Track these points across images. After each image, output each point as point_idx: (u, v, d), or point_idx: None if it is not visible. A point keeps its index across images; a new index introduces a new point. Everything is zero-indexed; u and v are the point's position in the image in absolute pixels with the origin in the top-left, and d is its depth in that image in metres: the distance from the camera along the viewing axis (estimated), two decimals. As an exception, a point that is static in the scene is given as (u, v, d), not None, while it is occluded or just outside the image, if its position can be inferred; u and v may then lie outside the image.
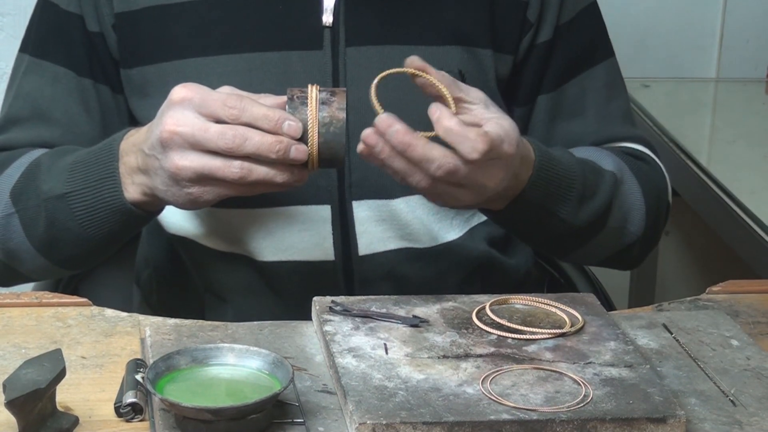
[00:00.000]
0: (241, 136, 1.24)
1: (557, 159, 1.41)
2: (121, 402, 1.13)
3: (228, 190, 1.28)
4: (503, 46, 1.52)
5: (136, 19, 1.47)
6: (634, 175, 1.51)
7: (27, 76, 1.51)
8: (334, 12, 1.46)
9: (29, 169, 1.42)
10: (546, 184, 1.38)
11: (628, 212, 1.50)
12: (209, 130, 1.24)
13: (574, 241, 1.49)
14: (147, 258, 1.62)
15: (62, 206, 1.38)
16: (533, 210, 1.39)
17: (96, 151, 1.38)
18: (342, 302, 1.27)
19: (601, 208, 1.45)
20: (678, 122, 2.38)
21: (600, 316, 1.27)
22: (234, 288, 1.51)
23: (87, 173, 1.37)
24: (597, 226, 1.47)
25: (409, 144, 1.24)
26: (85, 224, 1.37)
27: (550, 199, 1.40)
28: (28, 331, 1.28)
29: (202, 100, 1.26)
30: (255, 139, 1.24)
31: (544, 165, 1.38)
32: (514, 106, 1.56)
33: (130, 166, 1.34)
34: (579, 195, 1.42)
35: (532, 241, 1.54)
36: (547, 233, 1.45)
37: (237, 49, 1.46)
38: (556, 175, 1.39)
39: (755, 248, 1.94)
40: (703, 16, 2.67)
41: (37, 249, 1.42)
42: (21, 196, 1.41)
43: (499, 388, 1.13)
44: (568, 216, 1.42)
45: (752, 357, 1.25)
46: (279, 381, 1.10)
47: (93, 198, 1.36)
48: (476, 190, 1.29)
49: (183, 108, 1.26)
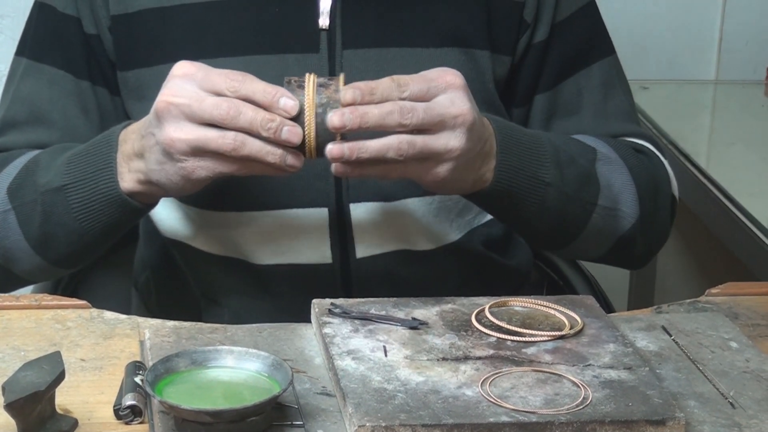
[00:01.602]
0: (235, 109, 1.24)
1: (514, 125, 1.42)
2: (120, 404, 1.13)
3: (222, 165, 1.27)
4: (500, 47, 1.52)
5: (132, 22, 1.47)
6: (621, 157, 1.49)
7: (24, 79, 1.51)
8: (331, 15, 1.46)
9: (27, 166, 1.42)
10: (516, 145, 1.37)
11: (619, 193, 1.48)
12: (205, 100, 1.25)
13: (570, 223, 1.46)
14: (144, 261, 1.62)
15: (59, 199, 1.37)
16: (516, 176, 1.37)
17: (95, 143, 1.38)
18: (341, 304, 1.27)
19: (583, 175, 1.43)
20: (677, 124, 2.38)
21: (599, 318, 1.27)
22: (230, 291, 1.51)
23: (85, 164, 1.36)
24: (588, 202, 1.45)
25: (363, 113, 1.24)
26: (80, 217, 1.37)
27: (526, 160, 1.38)
28: (28, 334, 1.28)
29: (205, 75, 1.26)
30: (249, 113, 1.24)
31: (503, 128, 1.38)
32: (513, 107, 1.56)
33: (126, 153, 1.34)
34: (554, 157, 1.41)
35: (531, 227, 1.48)
36: (542, 210, 1.42)
37: (233, 51, 1.46)
38: (521, 137, 1.39)
39: (754, 250, 1.94)
40: (702, 18, 2.67)
41: (33, 246, 1.42)
42: (18, 192, 1.41)
43: (499, 390, 1.13)
44: (552, 179, 1.40)
45: (751, 359, 1.25)
46: (278, 383, 1.10)
47: (89, 189, 1.36)
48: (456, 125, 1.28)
49: (183, 81, 1.27)
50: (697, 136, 2.44)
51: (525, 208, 1.41)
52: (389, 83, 1.26)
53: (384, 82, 1.26)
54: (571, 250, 1.54)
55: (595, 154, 1.47)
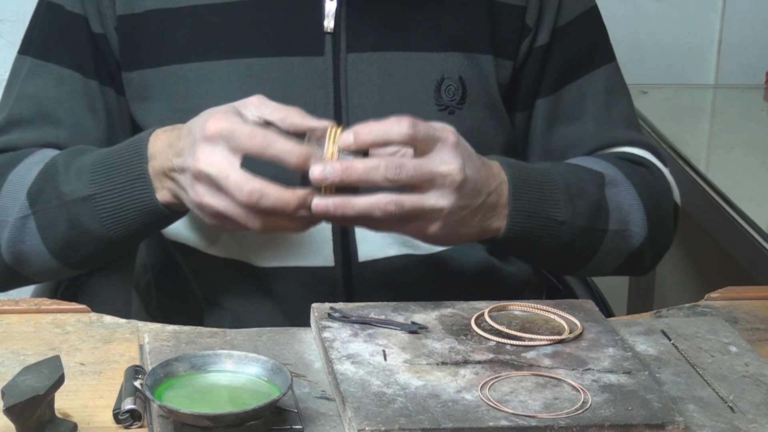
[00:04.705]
0: (258, 193, 1.24)
1: (527, 165, 1.42)
2: (119, 408, 1.13)
3: (246, 230, 1.28)
4: (503, 52, 1.52)
5: (137, 22, 1.47)
6: (626, 176, 1.50)
7: (30, 79, 1.51)
8: (336, 18, 1.46)
9: (45, 170, 1.41)
10: (529, 188, 1.38)
11: (627, 214, 1.49)
12: (230, 177, 1.24)
13: (583, 251, 1.47)
14: (146, 264, 1.62)
15: (86, 208, 1.37)
16: (530, 220, 1.38)
17: (121, 152, 1.37)
18: (341, 309, 1.27)
19: (594, 204, 1.44)
20: (676, 129, 2.38)
21: (598, 322, 1.27)
22: (232, 294, 1.51)
23: (113, 175, 1.36)
24: (599, 229, 1.46)
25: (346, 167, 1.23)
26: (109, 225, 1.37)
27: (539, 203, 1.39)
28: (27, 338, 1.28)
29: (230, 133, 1.25)
30: (271, 197, 1.24)
31: (516, 173, 1.38)
32: (515, 111, 1.56)
33: (157, 169, 1.33)
34: (566, 192, 1.41)
35: (546, 260, 1.51)
36: (556, 247, 1.43)
37: (238, 54, 1.46)
38: (533, 177, 1.39)
39: (754, 254, 1.94)
40: (701, 22, 2.67)
41: (52, 251, 1.41)
42: (39, 197, 1.40)
43: (498, 394, 1.13)
44: (566, 216, 1.41)
45: (751, 363, 1.25)
46: (278, 387, 1.10)
47: (121, 199, 1.36)
48: (445, 184, 1.28)
49: (214, 146, 1.26)
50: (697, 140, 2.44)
51: (540, 248, 1.42)
52: (393, 126, 1.25)
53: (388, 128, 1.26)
54: (581, 272, 1.56)
55: (603, 178, 1.47)
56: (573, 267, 1.52)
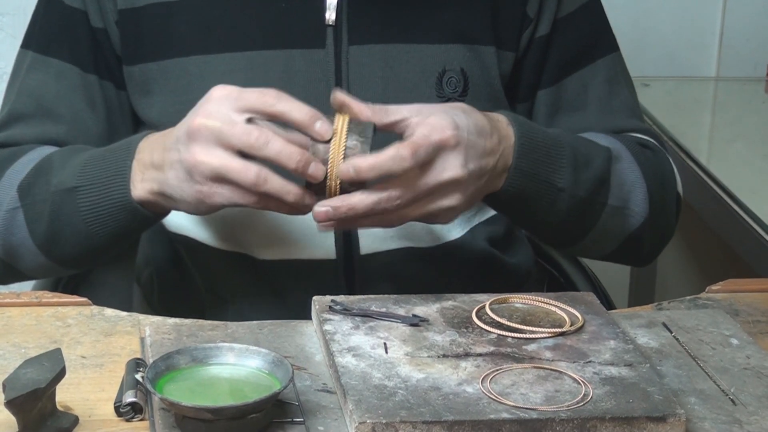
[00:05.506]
0: (264, 137, 1.24)
1: (538, 128, 1.42)
2: (120, 401, 1.13)
3: (240, 196, 1.27)
4: (505, 43, 1.52)
5: (138, 16, 1.47)
6: (632, 154, 1.49)
7: (31, 73, 1.51)
8: (337, 10, 1.46)
9: (40, 165, 1.41)
10: (533, 150, 1.37)
11: (629, 191, 1.48)
12: (237, 125, 1.24)
13: (580, 223, 1.46)
14: (147, 257, 1.62)
15: (69, 200, 1.37)
16: (529, 181, 1.37)
17: (113, 149, 1.38)
18: (342, 301, 1.27)
19: (598, 178, 1.43)
20: (678, 121, 2.38)
21: (600, 315, 1.27)
22: (234, 287, 1.51)
23: (99, 169, 1.36)
24: (598, 202, 1.45)
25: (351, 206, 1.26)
26: (88, 220, 1.37)
27: (542, 165, 1.38)
28: (28, 331, 1.28)
29: (239, 94, 1.26)
30: (277, 144, 1.24)
31: (525, 132, 1.37)
32: (516, 102, 1.56)
33: (143, 162, 1.33)
34: (572, 161, 1.41)
35: (539, 227, 1.49)
36: (552, 213, 1.42)
37: (239, 47, 1.46)
38: (541, 139, 1.39)
39: (755, 247, 1.94)
40: (703, 14, 2.67)
41: (38, 246, 1.42)
42: (29, 190, 1.40)
43: (499, 387, 1.13)
44: (566, 184, 1.40)
45: (752, 356, 1.25)
46: (279, 380, 1.10)
47: (100, 194, 1.36)
48: (450, 188, 1.29)
49: (219, 103, 1.26)
50: (698, 132, 2.44)
51: (535, 211, 1.41)
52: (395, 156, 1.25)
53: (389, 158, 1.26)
54: (578, 249, 1.54)
55: (609, 152, 1.47)
56: (568, 240, 1.51)
